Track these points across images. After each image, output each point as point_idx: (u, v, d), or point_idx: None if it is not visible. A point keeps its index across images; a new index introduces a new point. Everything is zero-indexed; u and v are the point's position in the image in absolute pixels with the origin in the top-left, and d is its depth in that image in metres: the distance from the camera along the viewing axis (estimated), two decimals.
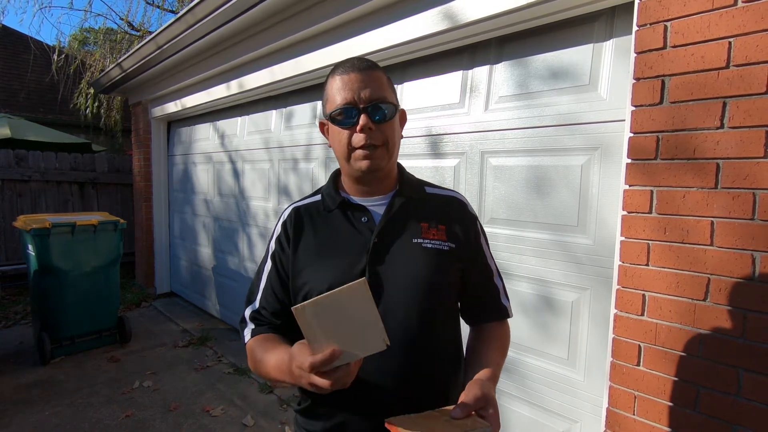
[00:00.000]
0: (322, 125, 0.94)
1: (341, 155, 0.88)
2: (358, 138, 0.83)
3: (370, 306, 0.63)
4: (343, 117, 0.84)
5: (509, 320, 1.01)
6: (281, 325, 0.93)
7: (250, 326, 0.95)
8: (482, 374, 0.82)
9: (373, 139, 0.84)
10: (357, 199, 0.94)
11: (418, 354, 0.84)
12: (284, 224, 0.96)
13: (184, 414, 2.61)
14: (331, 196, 0.95)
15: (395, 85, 1.17)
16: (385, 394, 0.83)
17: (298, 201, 1.02)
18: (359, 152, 0.84)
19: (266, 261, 0.97)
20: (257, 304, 0.95)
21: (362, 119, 0.82)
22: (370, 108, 0.83)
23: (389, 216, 0.90)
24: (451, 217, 0.94)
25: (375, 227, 0.90)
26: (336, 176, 1.00)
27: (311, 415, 0.90)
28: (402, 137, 0.96)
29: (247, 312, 0.97)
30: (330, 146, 0.92)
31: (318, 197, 0.99)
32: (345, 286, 0.62)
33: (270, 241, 0.98)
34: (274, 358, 0.82)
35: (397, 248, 0.88)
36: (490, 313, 0.98)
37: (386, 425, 0.67)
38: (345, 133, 0.85)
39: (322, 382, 0.64)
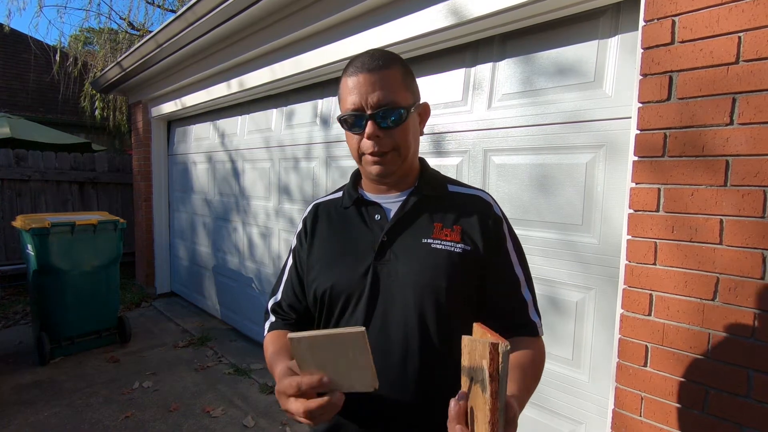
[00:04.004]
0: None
1: (354, 158, 0.88)
2: (367, 144, 0.81)
3: (366, 354, 0.63)
4: (351, 122, 0.82)
5: None
6: (297, 319, 0.95)
7: (270, 319, 0.97)
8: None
9: (381, 146, 0.80)
10: (372, 196, 0.93)
11: (415, 361, 0.80)
12: (304, 220, 0.99)
13: (184, 414, 2.59)
14: (348, 193, 0.95)
15: None
16: (381, 399, 0.80)
17: (321, 197, 1.04)
18: (368, 158, 0.83)
19: (289, 256, 1.00)
20: (279, 296, 0.98)
21: (369, 127, 0.79)
22: (379, 114, 0.79)
23: (401, 214, 0.87)
24: (470, 217, 0.87)
25: (386, 225, 0.87)
26: (357, 173, 0.99)
27: None
28: (423, 133, 0.92)
29: (270, 303, 0.99)
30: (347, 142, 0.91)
31: (339, 194, 0.99)
32: (344, 331, 0.62)
33: (293, 237, 1.01)
34: (278, 367, 0.82)
35: (404, 247, 0.85)
36: (515, 329, 0.85)
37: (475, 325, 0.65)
38: (355, 138, 0.83)
39: (295, 407, 0.63)
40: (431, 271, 0.82)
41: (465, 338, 0.64)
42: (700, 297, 1.25)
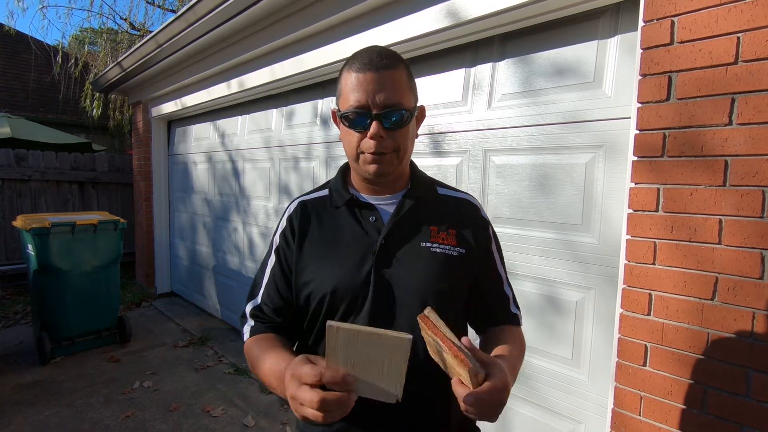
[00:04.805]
0: (335, 114, 0.88)
1: (350, 155, 0.85)
2: (368, 144, 0.79)
3: (402, 364, 0.60)
4: (354, 120, 0.79)
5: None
6: (282, 323, 0.89)
7: (250, 323, 0.91)
8: (501, 360, 0.72)
9: (383, 146, 0.79)
10: (366, 197, 0.90)
11: (421, 364, 0.79)
12: (290, 218, 0.92)
13: (184, 414, 2.60)
14: (338, 192, 0.91)
15: None
16: (384, 402, 0.80)
17: (303, 195, 0.97)
18: (368, 156, 0.80)
19: (270, 255, 0.93)
20: (259, 299, 0.92)
21: (374, 127, 0.77)
22: (383, 114, 0.78)
23: (398, 217, 0.86)
24: (462, 220, 0.90)
25: (383, 228, 0.86)
26: (345, 171, 0.95)
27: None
28: (417, 135, 0.91)
29: (248, 308, 0.92)
30: (340, 138, 0.87)
31: (325, 192, 0.95)
32: (391, 333, 0.59)
33: (274, 235, 0.94)
34: (270, 362, 0.78)
35: (404, 251, 0.84)
36: (499, 321, 0.94)
37: (418, 318, 0.68)
38: (355, 135, 0.80)
39: (310, 396, 0.58)
40: (433, 275, 0.83)
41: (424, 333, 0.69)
42: (699, 297, 1.25)
